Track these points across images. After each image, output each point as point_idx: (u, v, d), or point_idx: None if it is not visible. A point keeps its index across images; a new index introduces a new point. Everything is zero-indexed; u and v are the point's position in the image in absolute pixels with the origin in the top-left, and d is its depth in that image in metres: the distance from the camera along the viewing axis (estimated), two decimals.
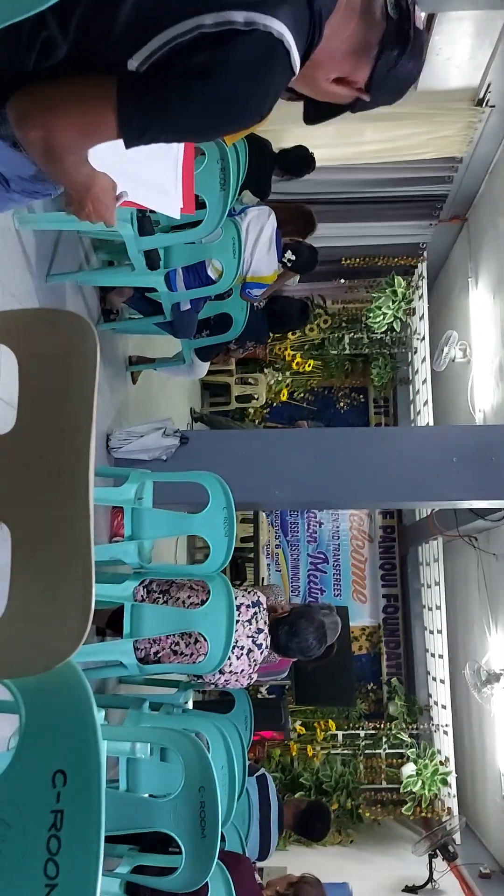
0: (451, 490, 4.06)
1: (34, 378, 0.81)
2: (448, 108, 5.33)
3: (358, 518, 8.06)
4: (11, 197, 1.47)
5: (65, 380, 0.81)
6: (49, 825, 0.72)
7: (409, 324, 6.98)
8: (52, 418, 0.81)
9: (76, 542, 0.77)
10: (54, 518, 0.80)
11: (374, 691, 7.58)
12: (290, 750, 6.55)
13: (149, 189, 1.72)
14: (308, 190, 5.59)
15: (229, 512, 2.85)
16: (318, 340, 7.74)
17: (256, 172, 3.87)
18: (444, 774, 6.08)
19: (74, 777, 0.74)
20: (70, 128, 1.07)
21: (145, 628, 2.66)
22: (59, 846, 0.71)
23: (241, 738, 2.91)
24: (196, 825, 1.88)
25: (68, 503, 0.78)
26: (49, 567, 0.81)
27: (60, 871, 0.71)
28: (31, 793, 0.74)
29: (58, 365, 0.82)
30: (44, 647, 0.80)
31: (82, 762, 0.74)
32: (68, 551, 0.78)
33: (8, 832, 0.72)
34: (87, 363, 0.79)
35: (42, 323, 0.88)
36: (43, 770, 0.74)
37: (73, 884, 0.70)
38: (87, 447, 0.76)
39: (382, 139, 5.53)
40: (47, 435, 0.81)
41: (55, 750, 0.75)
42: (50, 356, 0.83)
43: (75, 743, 0.75)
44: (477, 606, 6.08)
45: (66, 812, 0.73)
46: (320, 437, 5.11)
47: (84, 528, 0.77)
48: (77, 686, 0.78)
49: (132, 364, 4.37)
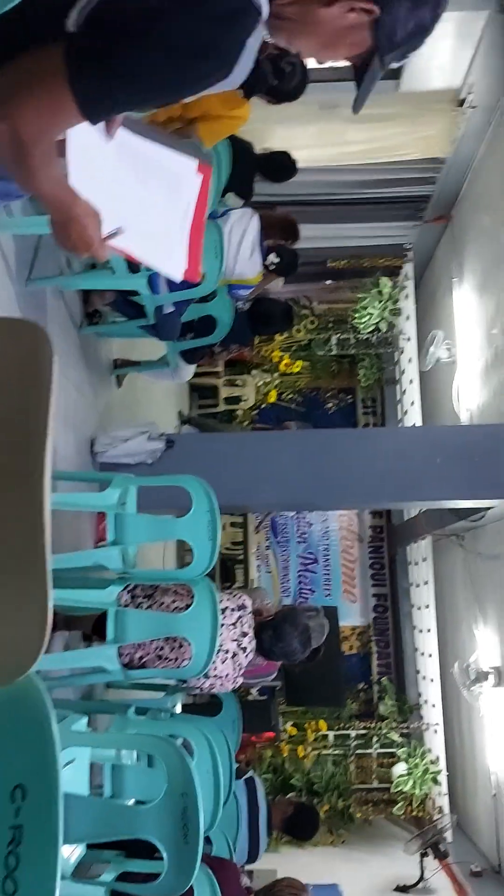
0: (436, 490, 4.07)
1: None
2: (430, 109, 5.35)
3: (347, 518, 8.07)
4: None
5: (20, 391, 0.80)
6: (7, 841, 0.71)
7: (396, 324, 6.99)
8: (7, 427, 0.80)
9: (31, 552, 0.76)
10: (7, 531, 0.80)
11: (364, 691, 7.58)
12: (281, 751, 6.55)
13: (149, 240, 1.55)
14: (292, 191, 5.59)
15: (213, 515, 2.84)
16: (305, 341, 7.74)
17: (239, 174, 3.86)
18: (434, 773, 6.09)
19: (34, 792, 0.73)
20: (31, 112, 1.00)
21: (130, 633, 2.64)
22: (17, 862, 0.71)
23: (228, 743, 2.90)
24: (178, 831, 1.87)
25: (23, 516, 0.77)
26: (4, 580, 0.81)
27: (18, 887, 0.70)
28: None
29: (13, 375, 0.81)
30: (2, 661, 0.79)
31: (42, 777, 0.74)
32: (25, 564, 0.77)
33: None
34: (43, 374, 0.78)
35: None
36: (1, 785, 0.73)
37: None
38: (42, 455, 0.75)
39: (365, 140, 5.55)
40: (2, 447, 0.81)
41: (14, 764, 0.75)
42: (5, 366, 0.82)
43: (34, 757, 0.74)
44: (465, 605, 6.09)
45: (25, 827, 0.72)
46: (308, 438, 5.12)
47: (39, 537, 0.76)
48: (36, 699, 0.77)
49: (117, 367, 4.36)
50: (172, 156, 1.53)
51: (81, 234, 1.26)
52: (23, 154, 1.04)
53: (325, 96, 5.08)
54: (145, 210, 1.50)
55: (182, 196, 1.59)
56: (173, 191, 1.57)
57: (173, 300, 3.37)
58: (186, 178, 1.59)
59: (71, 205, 1.22)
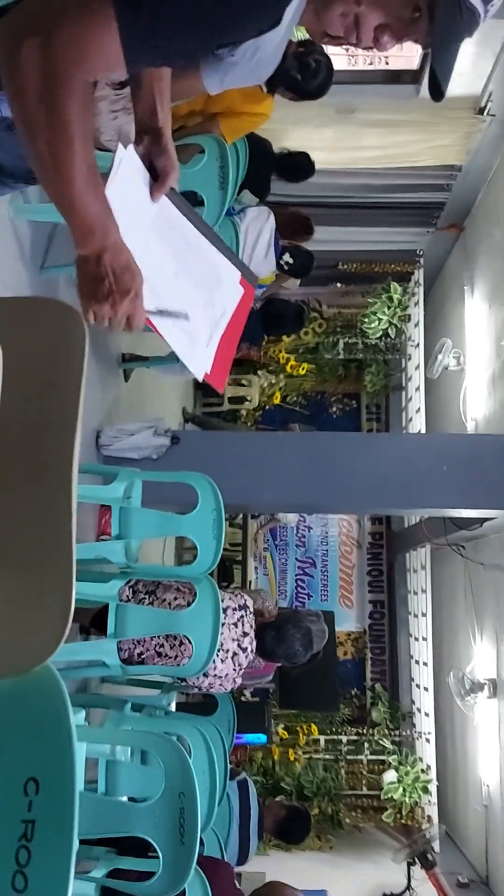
0: (440, 498, 4.05)
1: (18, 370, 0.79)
2: (448, 117, 5.33)
3: (347, 524, 8.05)
4: (6, 182, 1.44)
5: (50, 372, 0.78)
6: (19, 835, 0.69)
7: (404, 330, 6.97)
8: (35, 412, 0.78)
9: (57, 541, 0.74)
10: (35, 517, 0.78)
11: (357, 697, 7.56)
12: (272, 754, 6.53)
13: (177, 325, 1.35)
14: (306, 193, 5.58)
15: (218, 514, 2.83)
16: (313, 344, 7.72)
17: (256, 172, 3.85)
18: (424, 782, 6.07)
19: (48, 786, 0.71)
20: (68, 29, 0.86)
21: (130, 629, 2.62)
22: (28, 857, 0.68)
23: (224, 743, 2.88)
24: (175, 831, 1.85)
25: (50, 502, 0.75)
26: (27, 567, 0.79)
27: (29, 883, 0.68)
28: (1, 800, 0.71)
29: (43, 356, 0.79)
30: (19, 650, 0.77)
31: (57, 770, 0.71)
32: (48, 551, 0.75)
33: None
34: (75, 355, 0.76)
35: (28, 312, 0.85)
36: (15, 777, 0.71)
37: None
38: (71, 443, 0.73)
39: (381, 145, 5.53)
40: (31, 429, 0.78)
41: (28, 756, 0.72)
42: (36, 346, 0.80)
43: (49, 749, 0.72)
44: (463, 615, 6.07)
45: (37, 822, 0.70)
46: (312, 440, 5.10)
47: (66, 527, 0.74)
48: (53, 689, 0.75)
49: (125, 361, 4.34)
50: (218, 254, 1.42)
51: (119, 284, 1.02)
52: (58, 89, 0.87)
53: (343, 99, 5.07)
54: (180, 292, 1.35)
55: (220, 298, 1.45)
56: (213, 288, 1.44)
57: None
58: (228, 283, 1.47)
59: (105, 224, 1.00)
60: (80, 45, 0.88)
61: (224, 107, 2.91)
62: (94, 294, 1.06)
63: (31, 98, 0.88)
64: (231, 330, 1.49)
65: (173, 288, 1.33)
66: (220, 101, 2.86)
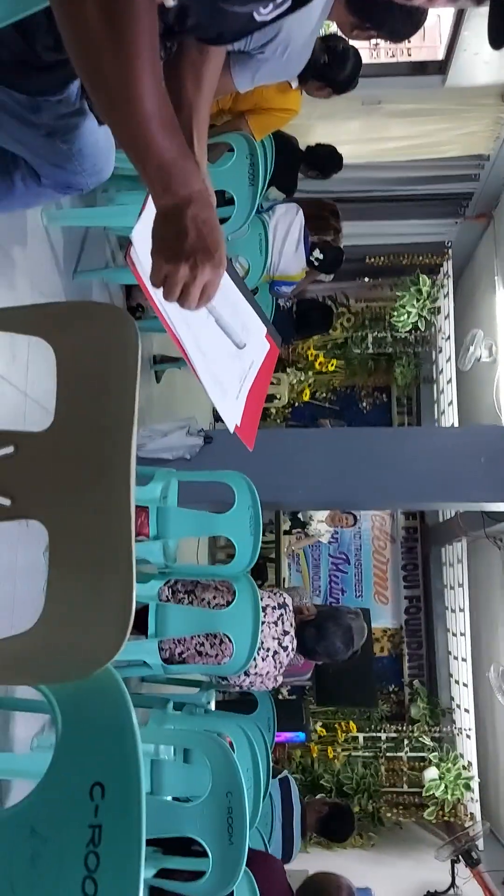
0: (479, 491, 3.99)
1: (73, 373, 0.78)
2: (475, 105, 5.26)
3: (380, 518, 7.99)
4: (43, 192, 1.44)
5: (104, 375, 0.77)
6: (87, 840, 0.69)
7: (434, 323, 6.90)
8: (91, 415, 0.78)
9: (116, 542, 0.74)
10: (94, 518, 0.77)
11: (395, 693, 7.51)
12: (311, 751, 6.51)
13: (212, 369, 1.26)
14: (333, 187, 5.54)
15: (255, 511, 2.82)
16: (342, 340, 7.68)
17: (283, 168, 3.83)
18: (466, 779, 6.01)
19: (114, 790, 0.71)
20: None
21: (170, 628, 2.63)
22: (97, 863, 0.68)
23: (265, 740, 2.88)
24: (223, 831, 1.85)
25: (109, 504, 0.75)
26: (88, 569, 0.78)
27: (99, 888, 0.67)
28: (67, 806, 0.71)
29: (97, 359, 0.78)
30: (81, 653, 0.77)
31: (122, 774, 0.71)
32: (108, 552, 0.75)
33: (44, 847, 0.69)
34: (129, 356, 0.75)
35: (81, 316, 0.85)
36: (80, 782, 0.71)
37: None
38: (128, 444, 0.73)
39: (408, 136, 5.47)
40: (87, 432, 0.78)
41: (93, 761, 0.72)
42: (89, 350, 0.79)
43: (114, 754, 0.72)
44: (501, 608, 5.99)
45: (104, 826, 0.70)
46: (344, 436, 5.06)
47: (125, 528, 0.74)
48: (115, 693, 0.75)
49: (156, 363, 4.36)
50: (247, 306, 1.36)
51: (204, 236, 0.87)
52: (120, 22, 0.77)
53: (369, 92, 5.03)
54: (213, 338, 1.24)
55: (249, 350, 1.35)
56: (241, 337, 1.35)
57: None
58: (256, 336, 1.40)
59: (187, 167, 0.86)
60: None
61: (252, 104, 2.90)
62: (173, 252, 0.88)
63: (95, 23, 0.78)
64: (258, 385, 1.41)
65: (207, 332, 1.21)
66: (249, 99, 2.84)
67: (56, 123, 1.23)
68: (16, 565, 2.21)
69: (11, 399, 2.22)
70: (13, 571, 2.20)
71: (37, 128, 1.21)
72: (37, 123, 1.19)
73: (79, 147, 1.33)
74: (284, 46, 2.17)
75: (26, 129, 1.23)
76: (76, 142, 1.31)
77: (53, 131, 1.24)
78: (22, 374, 2.26)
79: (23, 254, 2.38)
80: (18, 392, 2.25)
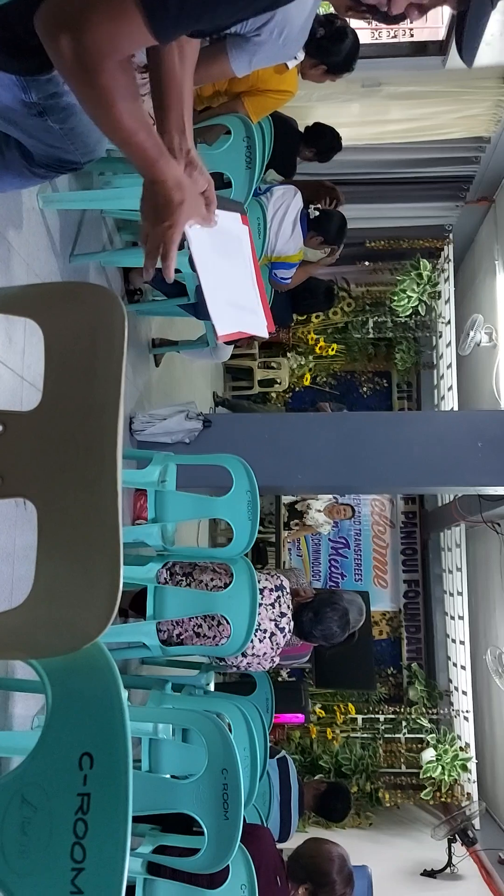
0: (477, 476, 4.01)
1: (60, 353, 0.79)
2: (476, 87, 5.22)
3: (380, 503, 8.02)
4: (36, 172, 1.45)
5: (91, 355, 0.78)
6: (76, 808, 0.71)
7: (434, 307, 6.89)
8: (78, 395, 0.79)
9: (104, 522, 0.76)
10: (81, 497, 0.79)
11: (393, 676, 7.57)
12: (310, 732, 6.57)
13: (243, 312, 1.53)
14: (332, 170, 5.50)
15: (253, 495, 2.84)
16: (342, 324, 7.66)
17: (282, 151, 3.81)
18: (464, 760, 6.07)
19: (101, 760, 0.72)
20: (94, 19, 0.94)
21: (168, 610, 2.66)
22: (85, 830, 0.70)
23: (263, 721, 2.91)
24: (219, 807, 1.88)
25: (96, 483, 0.76)
26: (76, 547, 0.80)
27: (87, 854, 0.70)
28: (57, 775, 0.73)
29: (84, 340, 0.80)
30: (70, 628, 0.79)
31: (109, 745, 0.73)
32: (96, 531, 0.77)
33: (34, 815, 0.71)
34: (115, 338, 0.76)
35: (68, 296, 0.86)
36: (69, 752, 0.73)
37: (100, 868, 0.69)
38: (114, 425, 0.74)
39: (408, 118, 5.44)
40: (74, 412, 0.79)
41: (82, 732, 0.74)
42: (76, 330, 0.80)
43: (102, 725, 0.74)
44: (499, 592, 6.03)
45: (92, 795, 0.72)
46: (344, 421, 5.07)
47: (112, 507, 0.75)
48: (104, 667, 0.77)
49: (155, 347, 4.36)
50: (226, 215, 1.48)
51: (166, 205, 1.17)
52: (92, 71, 0.98)
53: (368, 73, 4.99)
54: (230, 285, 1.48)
55: (244, 253, 1.54)
56: (240, 253, 1.54)
57: None
58: (241, 234, 1.54)
59: (156, 160, 1.13)
60: (108, 38, 0.96)
61: (249, 85, 2.88)
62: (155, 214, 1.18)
63: (73, 77, 1.01)
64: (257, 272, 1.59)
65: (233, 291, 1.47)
66: (245, 80, 2.82)
67: (47, 103, 1.23)
68: (14, 547, 2.23)
69: (8, 382, 2.23)
70: (11, 553, 2.23)
71: (28, 107, 1.21)
72: (27, 103, 1.19)
73: (71, 126, 1.34)
74: (281, 29, 2.16)
75: (18, 109, 1.24)
76: (68, 121, 1.32)
77: (45, 110, 1.24)
78: (19, 357, 2.26)
79: (18, 237, 2.38)
80: (15, 375, 2.26)
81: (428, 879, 5.38)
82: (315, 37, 2.87)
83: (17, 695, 2.33)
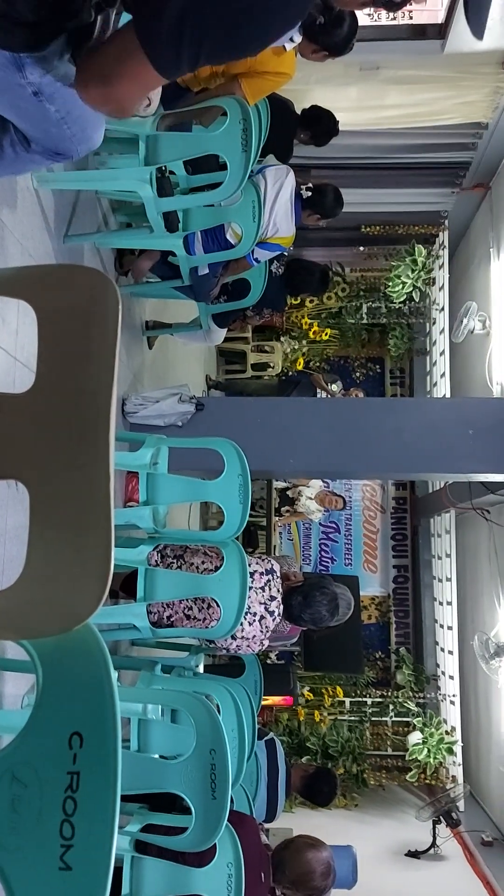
0: (467, 463, 4.03)
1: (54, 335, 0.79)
2: (474, 72, 5.18)
3: (370, 489, 8.05)
4: (32, 158, 1.44)
5: (85, 337, 0.78)
6: (65, 786, 0.72)
7: (429, 294, 6.88)
8: (72, 377, 0.79)
9: (96, 503, 0.76)
10: (74, 479, 0.79)
11: (381, 660, 7.64)
12: (298, 715, 6.63)
13: None
14: (328, 154, 5.48)
15: (244, 479, 2.84)
16: (336, 309, 7.65)
17: (278, 134, 3.78)
18: (449, 744, 6.14)
19: (91, 739, 0.73)
20: (126, 88, 1.19)
21: (159, 592, 2.67)
22: (74, 807, 0.71)
23: (251, 702, 2.94)
24: (206, 787, 1.90)
25: (88, 464, 0.76)
26: (68, 528, 0.80)
27: (76, 832, 0.71)
28: (47, 754, 0.74)
29: (78, 322, 0.80)
30: (61, 609, 0.79)
31: (99, 724, 0.74)
32: (88, 513, 0.77)
33: (24, 793, 0.72)
34: (109, 320, 0.76)
35: (62, 278, 0.86)
36: (59, 731, 0.74)
37: (88, 845, 0.70)
38: (107, 408, 0.74)
39: (405, 103, 5.40)
40: (67, 394, 0.80)
41: (72, 711, 0.75)
42: (70, 313, 0.80)
43: (92, 705, 0.74)
44: (487, 579, 6.08)
45: (82, 774, 0.73)
46: (336, 406, 5.08)
47: (104, 489, 0.76)
48: (94, 648, 0.77)
49: (149, 329, 4.34)
50: None
51: None
52: (121, 110, 1.26)
53: (366, 57, 4.95)
54: None
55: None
56: None
57: (208, 261, 3.33)
58: None
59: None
60: (130, 89, 1.20)
61: (246, 67, 2.86)
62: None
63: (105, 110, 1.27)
64: None
65: None
66: (243, 62, 2.80)
67: (42, 82, 1.23)
68: (5, 527, 2.23)
69: (1, 363, 2.22)
70: (3, 534, 2.23)
71: (23, 87, 1.21)
72: (22, 83, 1.19)
73: (67, 110, 1.33)
74: None
75: (14, 90, 1.23)
76: (64, 104, 1.31)
77: (40, 91, 1.24)
78: (12, 337, 2.26)
79: (13, 217, 2.36)
80: (8, 356, 2.25)
81: (412, 860, 5.47)
82: (315, 23, 2.83)
83: (7, 674, 2.34)
